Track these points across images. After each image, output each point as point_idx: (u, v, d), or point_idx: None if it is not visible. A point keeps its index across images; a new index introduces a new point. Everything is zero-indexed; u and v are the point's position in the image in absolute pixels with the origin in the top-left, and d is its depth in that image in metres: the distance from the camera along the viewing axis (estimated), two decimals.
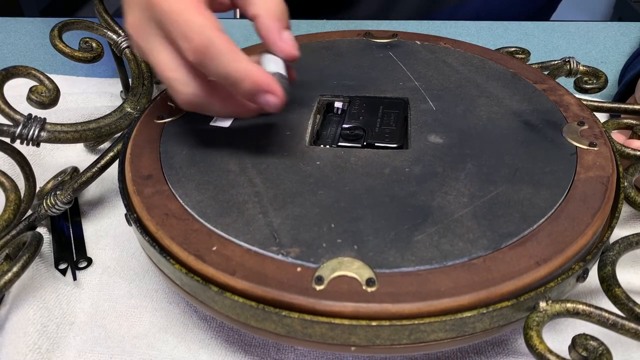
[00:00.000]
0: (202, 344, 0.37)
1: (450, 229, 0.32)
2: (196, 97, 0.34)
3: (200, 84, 0.34)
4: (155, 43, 0.33)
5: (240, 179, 0.36)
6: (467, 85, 0.44)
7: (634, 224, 0.44)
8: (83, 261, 0.42)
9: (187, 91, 0.34)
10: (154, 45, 0.33)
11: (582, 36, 0.65)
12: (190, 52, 0.31)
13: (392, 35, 0.50)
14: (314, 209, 0.33)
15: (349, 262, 0.30)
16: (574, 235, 0.32)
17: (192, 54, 0.31)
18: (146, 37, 0.33)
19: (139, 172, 0.37)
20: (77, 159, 0.51)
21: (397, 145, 0.38)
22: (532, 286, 0.30)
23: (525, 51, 0.51)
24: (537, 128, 0.39)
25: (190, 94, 0.34)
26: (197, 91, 0.34)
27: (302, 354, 0.36)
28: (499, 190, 0.34)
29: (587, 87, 0.48)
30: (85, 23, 0.49)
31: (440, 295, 0.29)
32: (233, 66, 0.32)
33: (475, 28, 0.67)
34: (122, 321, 0.38)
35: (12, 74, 0.41)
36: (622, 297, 0.32)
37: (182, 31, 0.31)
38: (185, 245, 0.32)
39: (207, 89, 0.34)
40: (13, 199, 0.38)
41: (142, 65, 0.49)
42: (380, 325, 0.28)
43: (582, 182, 0.35)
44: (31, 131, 0.40)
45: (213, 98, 0.34)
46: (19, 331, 0.36)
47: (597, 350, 0.29)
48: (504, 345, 0.36)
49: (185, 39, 0.31)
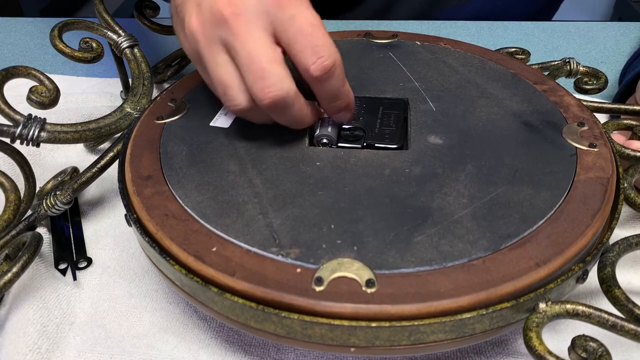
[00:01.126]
0: (202, 344, 0.37)
1: (450, 230, 0.32)
2: (249, 104, 0.35)
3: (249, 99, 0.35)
4: (219, 54, 0.34)
5: (240, 180, 0.36)
6: (467, 85, 0.44)
7: (633, 225, 0.44)
8: (83, 261, 0.42)
9: (242, 99, 0.35)
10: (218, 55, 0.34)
11: (582, 36, 0.65)
12: (319, 68, 0.33)
13: (392, 36, 0.50)
14: (314, 209, 0.33)
15: (349, 263, 0.30)
16: (574, 237, 0.32)
17: (321, 70, 0.33)
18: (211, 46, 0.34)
19: (138, 172, 0.37)
20: (77, 159, 0.51)
21: (397, 146, 0.38)
22: (532, 287, 0.30)
23: (525, 52, 0.51)
24: (537, 129, 0.39)
25: (245, 100, 0.35)
26: (249, 103, 0.35)
27: (302, 354, 0.36)
28: (498, 191, 0.34)
29: (587, 88, 0.48)
30: (85, 23, 0.49)
31: (440, 297, 0.29)
32: (346, 87, 0.36)
33: (475, 28, 0.67)
34: (122, 321, 0.38)
35: (12, 74, 0.41)
36: (622, 298, 0.32)
37: (313, 46, 0.33)
38: (185, 245, 0.32)
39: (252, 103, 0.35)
40: (13, 199, 0.38)
41: (142, 65, 0.49)
42: (379, 326, 0.28)
43: (581, 183, 0.35)
44: (31, 131, 0.40)
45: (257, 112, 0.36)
46: (19, 331, 0.36)
47: (596, 352, 0.29)
48: (504, 346, 0.36)
49: (316, 55, 0.33)
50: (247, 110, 0.35)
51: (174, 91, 0.44)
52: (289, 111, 0.35)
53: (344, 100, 0.37)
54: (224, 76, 0.34)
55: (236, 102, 0.35)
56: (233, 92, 0.35)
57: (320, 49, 0.33)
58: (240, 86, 0.34)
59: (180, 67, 0.59)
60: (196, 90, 0.44)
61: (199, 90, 0.44)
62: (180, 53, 0.59)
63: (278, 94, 0.33)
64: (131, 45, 0.50)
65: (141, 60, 0.50)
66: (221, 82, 0.35)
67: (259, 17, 0.33)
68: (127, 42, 0.50)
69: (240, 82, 0.34)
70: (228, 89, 0.35)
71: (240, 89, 0.34)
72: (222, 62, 0.34)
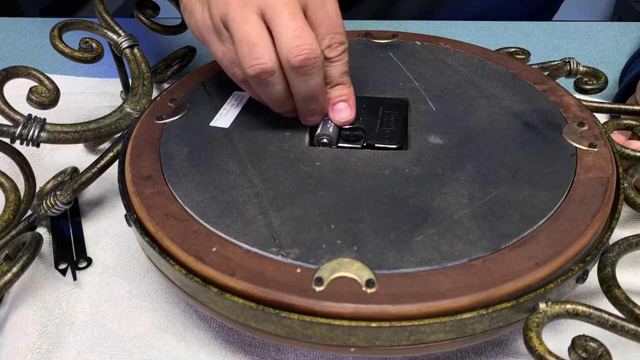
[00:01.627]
0: (202, 344, 0.37)
1: (449, 230, 0.32)
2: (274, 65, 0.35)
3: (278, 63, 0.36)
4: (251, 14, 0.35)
5: (240, 180, 0.36)
6: (467, 85, 0.44)
7: (633, 225, 0.44)
8: (83, 261, 0.42)
9: (268, 58, 0.35)
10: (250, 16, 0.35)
11: (582, 36, 0.65)
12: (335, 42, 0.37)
13: (392, 36, 0.50)
14: (314, 209, 0.33)
15: (349, 263, 0.30)
16: (574, 237, 0.32)
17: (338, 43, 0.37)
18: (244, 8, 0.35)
19: (138, 172, 0.37)
20: (77, 159, 0.51)
21: (397, 146, 0.38)
22: (532, 287, 0.30)
23: (525, 52, 0.51)
24: (537, 129, 0.39)
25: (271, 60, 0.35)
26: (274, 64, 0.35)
27: (302, 354, 0.36)
28: (498, 191, 0.34)
29: (587, 88, 0.48)
30: (85, 23, 0.49)
31: (440, 297, 0.29)
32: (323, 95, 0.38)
33: (475, 28, 0.67)
34: (122, 321, 0.38)
35: (12, 74, 0.41)
36: (622, 298, 0.32)
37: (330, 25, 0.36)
38: (185, 246, 0.32)
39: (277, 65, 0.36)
40: (13, 199, 0.38)
41: (142, 65, 0.49)
42: (380, 326, 0.28)
43: (581, 183, 0.35)
44: (31, 131, 0.40)
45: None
46: (19, 331, 0.36)
47: (596, 352, 0.29)
48: (504, 346, 0.36)
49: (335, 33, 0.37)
50: (269, 73, 0.35)
51: (174, 91, 0.44)
52: (310, 78, 0.36)
53: (345, 87, 0.39)
54: (253, 33, 0.35)
55: (263, 60, 0.35)
56: (260, 49, 0.35)
57: (339, 34, 0.37)
58: (268, 46, 0.35)
59: (180, 67, 0.59)
60: (196, 90, 0.44)
61: (199, 90, 0.44)
62: (181, 53, 0.59)
63: (309, 53, 0.35)
64: (131, 45, 0.50)
65: (141, 60, 0.50)
66: (248, 40, 0.35)
67: None
68: (127, 42, 0.50)
69: (269, 43, 0.35)
70: (255, 47, 0.35)
71: (267, 48, 0.35)
72: (253, 21, 0.35)
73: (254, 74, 0.35)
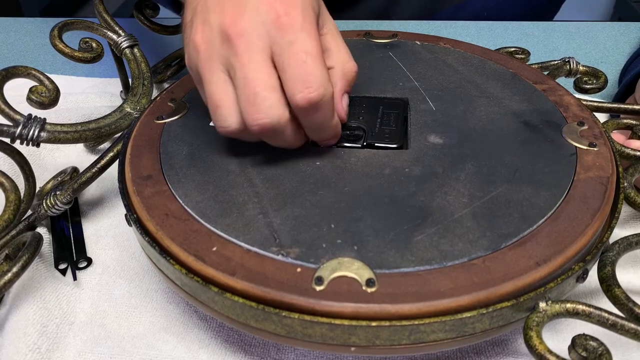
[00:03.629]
0: (202, 344, 0.37)
1: (450, 229, 0.32)
2: (239, 126, 0.34)
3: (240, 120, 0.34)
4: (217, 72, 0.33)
5: (240, 180, 0.36)
6: (467, 85, 0.44)
7: (633, 225, 0.44)
8: (83, 261, 0.42)
9: (232, 121, 0.34)
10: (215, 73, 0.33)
11: (582, 36, 0.65)
12: (305, 99, 0.32)
13: (392, 36, 0.50)
14: (314, 209, 0.33)
15: (349, 263, 0.30)
16: (574, 236, 0.32)
17: (306, 101, 0.32)
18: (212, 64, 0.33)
19: (138, 172, 0.37)
20: (77, 159, 0.51)
21: (397, 145, 0.38)
22: (532, 286, 0.30)
23: (525, 51, 0.51)
24: (536, 128, 0.39)
25: (235, 123, 0.34)
26: (240, 126, 0.34)
27: (302, 354, 0.36)
28: (498, 191, 0.34)
29: (586, 88, 0.48)
30: (85, 23, 0.49)
31: (440, 296, 0.29)
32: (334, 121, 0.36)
33: (475, 28, 0.67)
34: (122, 321, 0.38)
35: (12, 74, 0.41)
36: (622, 297, 0.32)
37: (305, 75, 0.32)
38: (185, 245, 0.32)
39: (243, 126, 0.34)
40: (13, 199, 0.38)
41: (142, 65, 0.49)
42: (380, 325, 0.28)
43: (581, 182, 0.35)
44: (31, 131, 0.40)
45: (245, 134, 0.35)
46: (18, 331, 0.36)
47: (596, 351, 0.29)
48: (504, 346, 0.36)
49: (304, 84, 0.32)
50: (237, 132, 0.34)
51: (174, 91, 0.44)
52: (280, 136, 0.34)
53: (329, 134, 0.36)
54: (217, 95, 0.33)
55: (226, 123, 0.34)
56: (224, 112, 0.33)
57: (311, 80, 0.32)
58: (233, 107, 0.33)
59: (180, 67, 0.59)
60: (196, 90, 0.44)
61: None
62: (180, 53, 0.59)
63: (266, 121, 0.32)
64: (131, 45, 0.50)
65: (141, 60, 0.50)
66: (213, 101, 0.34)
67: (261, 39, 0.32)
68: (127, 42, 0.50)
69: (234, 103, 0.33)
70: (219, 109, 0.33)
71: (232, 109, 0.33)
72: (218, 80, 0.33)
73: (224, 134, 0.35)
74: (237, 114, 0.33)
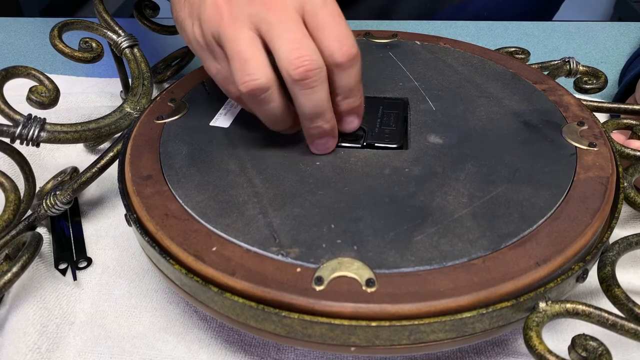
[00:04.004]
0: (202, 344, 0.37)
1: (449, 229, 0.32)
2: (268, 82, 0.34)
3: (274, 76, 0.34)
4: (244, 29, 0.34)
5: (240, 179, 0.36)
6: (466, 85, 0.44)
7: (633, 224, 0.44)
8: (83, 261, 0.42)
9: (261, 74, 0.33)
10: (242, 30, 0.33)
11: (582, 36, 0.65)
12: (345, 55, 0.33)
13: (392, 35, 0.50)
14: (314, 209, 0.33)
15: (349, 263, 0.30)
16: (574, 236, 0.32)
17: (347, 57, 0.33)
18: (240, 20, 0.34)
19: (138, 172, 0.37)
20: (77, 159, 0.51)
21: (396, 145, 0.38)
22: (532, 286, 0.30)
23: (525, 51, 0.51)
24: (536, 128, 0.39)
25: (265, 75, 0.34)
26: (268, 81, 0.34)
27: (302, 354, 0.36)
28: (498, 191, 0.34)
29: (586, 87, 0.48)
30: (85, 23, 0.49)
31: (440, 296, 0.29)
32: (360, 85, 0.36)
33: (475, 28, 0.67)
34: (122, 321, 0.38)
35: (12, 74, 0.41)
36: (622, 297, 0.32)
37: (339, 35, 0.33)
38: (184, 245, 0.32)
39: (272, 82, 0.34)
40: (13, 199, 0.38)
41: (142, 65, 0.49)
42: (380, 325, 0.28)
43: (581, 182, 0.35)
44: (31, 131, 0.40)
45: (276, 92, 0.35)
46: (19, 331, 0.36)
47: (596, 351, 0.29)
48: (504, 346, 0.36)
49: (342, 43, 0.33)
50: (261, 89, 0.34)
51: (174, 91, 0.44)
52: (316, 94, 0.34)
53: (360, 95, 0.36)
54: (247, 49, 0.33)
55: (256, 76, 0.33)
56: (253, 64, 0.33)
57: (348, 36, 0.33)
58: (263, 61, 0.33)
59: (180, 67, 0.59)
60: (196, 90, 0.44)
61: (199, 90, 0.44)
62: (180, 53, 0.59)
63: (310, 71, 0.33)
64: (131, 45, 0.50)
65: (141, 60, 0.50)
66: (241, 56, 0.33)
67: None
68: (127, 42, 0.50)
69: (265, 58, 0.33)
70: (248, 62, 0.33)
71: (262, 63, 0.33)
72: (245, 37, 0.33)
73: (247, 91, 0.34)
74: (268, 67, 0.33)
